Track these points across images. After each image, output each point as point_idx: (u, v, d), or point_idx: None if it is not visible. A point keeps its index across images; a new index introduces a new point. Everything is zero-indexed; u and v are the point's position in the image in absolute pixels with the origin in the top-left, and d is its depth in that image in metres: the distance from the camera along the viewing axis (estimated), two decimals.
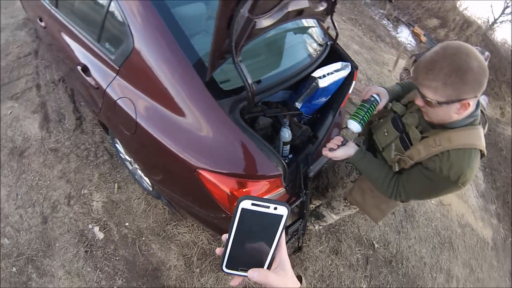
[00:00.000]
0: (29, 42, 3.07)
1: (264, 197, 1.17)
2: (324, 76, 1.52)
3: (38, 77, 2.78)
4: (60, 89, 2.74)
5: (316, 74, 1.51)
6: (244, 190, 1.12)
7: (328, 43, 1.81)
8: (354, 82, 1.75)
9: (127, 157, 1.94)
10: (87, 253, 1.86)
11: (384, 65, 4.58)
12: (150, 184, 1.82)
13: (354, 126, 1.16)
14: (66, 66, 2.04)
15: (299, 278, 0.52)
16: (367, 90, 1.24)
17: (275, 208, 0.46)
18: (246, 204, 0.46)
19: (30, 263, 1.79)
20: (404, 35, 5.50)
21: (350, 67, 1.67)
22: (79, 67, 1.59)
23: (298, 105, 1.65)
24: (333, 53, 1.78)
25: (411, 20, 5.64)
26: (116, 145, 1.95)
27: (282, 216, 0.47)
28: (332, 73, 1.56)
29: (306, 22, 1.80)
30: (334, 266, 2.13)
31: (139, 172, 1.91)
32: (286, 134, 1.43)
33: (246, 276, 0.49)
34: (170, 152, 1.17)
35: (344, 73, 1.63)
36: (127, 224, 2.00)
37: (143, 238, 1.96)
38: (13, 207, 2.01)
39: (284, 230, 0.48)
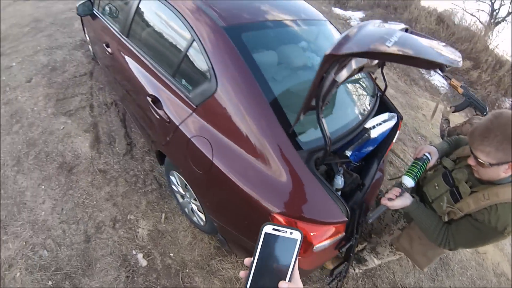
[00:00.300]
0: (85, 63, 3.26)
1: (325, 241, 1.23)
2: (374, 126, 1.61)
3: (92, 98, 2.94)
4: (112, 112, 2.88)
5: (367, 124, 1.60)
6: (311, 234, 1.15)
7: (378, 94, 1.87)
8: (398, 132, 1.82)
9: (180, 190, 1.98)
10: (128, 279, 1.86)
11: (418, 109, 4.54)
12: (203, 219, 1.85)
13: (409, 182, 1.26)
14: (128, 92, 2.13)
15: None
16: (419, 149, 1.37)
17: (291, 233, 0.53)
18: (268, 229, 0.54)
19: (67, 279, 1.80)
20: (437, 77, 5.63)
21: (396, 117, 1.76)
22: (149, 98, 1.65)
23: (347, 153, 1.69)
24: (380, 103, 1.87)
25: None
26: (171, 177, 1.99)
27: (296, 240, 0.53)
28: (381, 123, 1.66)
29: (359, 74, 1.86)
30: None
31: (193, 206, 1.94)
32: (339, 181, 1.46)
33: None
34: (245, 194, 1.21)
35: (391, 123, 1.72)
36: (171, 254, 2.01)
37: (187, 270, 1.94)
38: (56, 221, 2.06)
39: (298, 254, 0.53)
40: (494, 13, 10.88)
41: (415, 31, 1.14)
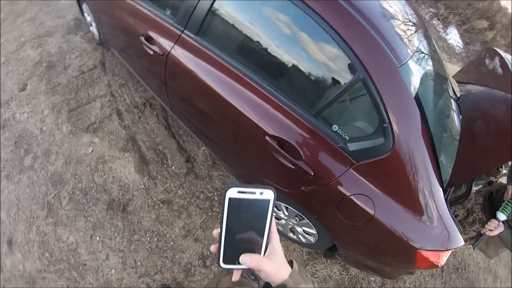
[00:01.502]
0: (89, 51, 2.45)
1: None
2: None
3: (115, 100, 2.25)
4: (148, 116, 2.23)
5: None
6: (443, 255, 1.24)
7: None
8: None
9: (279, 214, 1.76)
10: None
11: None
12: (310, 240, 1.76)
13: (503, 218, 1.50)
14: (196, 110, 1.66)
15: (290, 263, 0.52)
16: None
17: (261, 193, 0.45)
18: (232, 193, 0.44)
19: None
20: (453, 36, 5.47)
21: None
22: (271, 141, 1.28)
23: None
24: None
25: (460, 21, 5.66)
26: None
27: (269, 200, 0.46)
28: None
29: None
30: (422, 276, 2.26)
31: (297, 228, 1.76)
32: None
33: (245, 268, 0.49)
34: (398, 239, 1.23)
35: None
36: None
37: None
38: (134, 276, 1.68)
39: (273, 215, 0.47)
40: None
41: None
